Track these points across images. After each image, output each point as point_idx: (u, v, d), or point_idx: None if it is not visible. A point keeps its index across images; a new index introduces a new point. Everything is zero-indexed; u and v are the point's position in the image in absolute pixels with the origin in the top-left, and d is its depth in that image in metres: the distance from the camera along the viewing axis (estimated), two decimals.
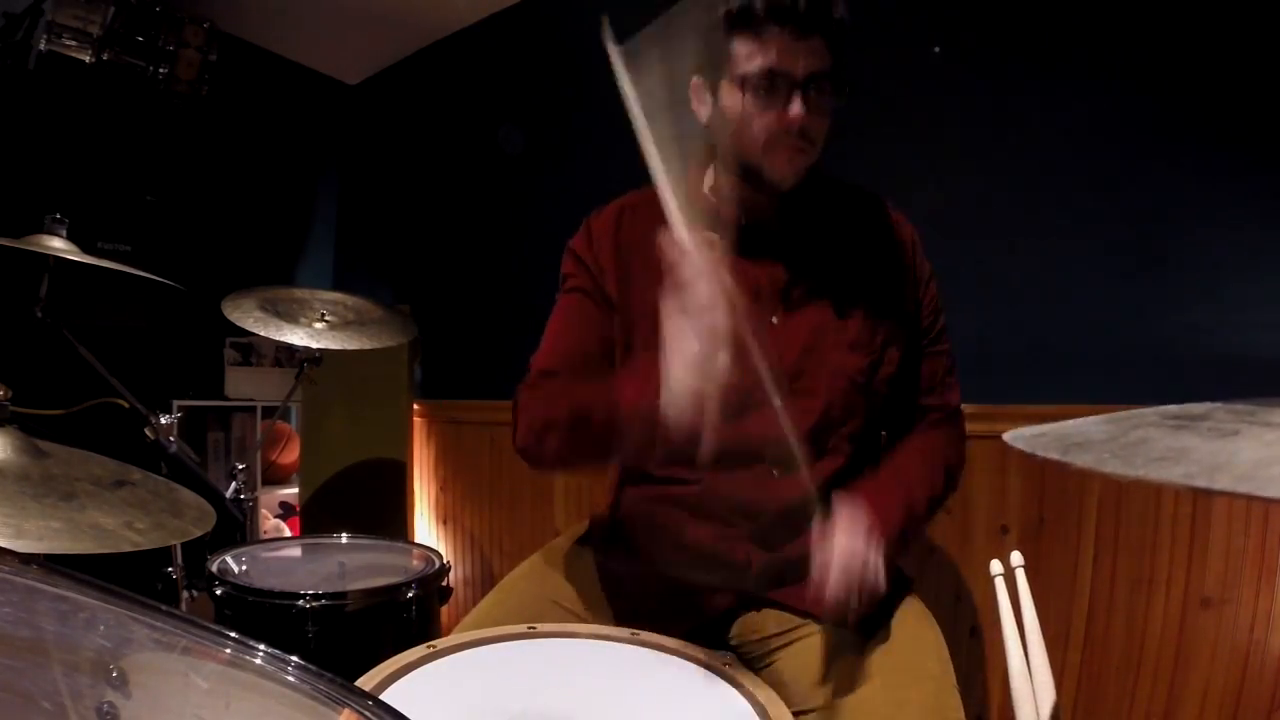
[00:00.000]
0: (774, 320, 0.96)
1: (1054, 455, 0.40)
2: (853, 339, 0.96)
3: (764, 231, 0.97)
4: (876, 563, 0.84)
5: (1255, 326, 1.24)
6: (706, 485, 0.96)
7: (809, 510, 0.95)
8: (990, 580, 1.05)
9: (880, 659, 0.84)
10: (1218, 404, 0.42)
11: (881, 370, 0.97)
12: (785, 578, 0.95)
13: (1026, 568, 1.04)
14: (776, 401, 0.94)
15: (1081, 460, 0.38)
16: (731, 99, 0.89)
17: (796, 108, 0.86)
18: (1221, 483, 0.32)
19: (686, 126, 0.76)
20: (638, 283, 0.98)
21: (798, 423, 0.93)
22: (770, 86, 0.86)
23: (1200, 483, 0.32)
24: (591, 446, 0.89)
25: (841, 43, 0.88)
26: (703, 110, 0.96)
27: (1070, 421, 0.46)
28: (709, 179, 1.02)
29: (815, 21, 0.84)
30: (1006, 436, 0.45)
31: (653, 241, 0.99)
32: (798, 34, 0.84)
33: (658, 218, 1.01)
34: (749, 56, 0.86)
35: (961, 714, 0.81)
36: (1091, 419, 0.45)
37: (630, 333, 0.99)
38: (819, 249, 0.99)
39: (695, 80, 0.96)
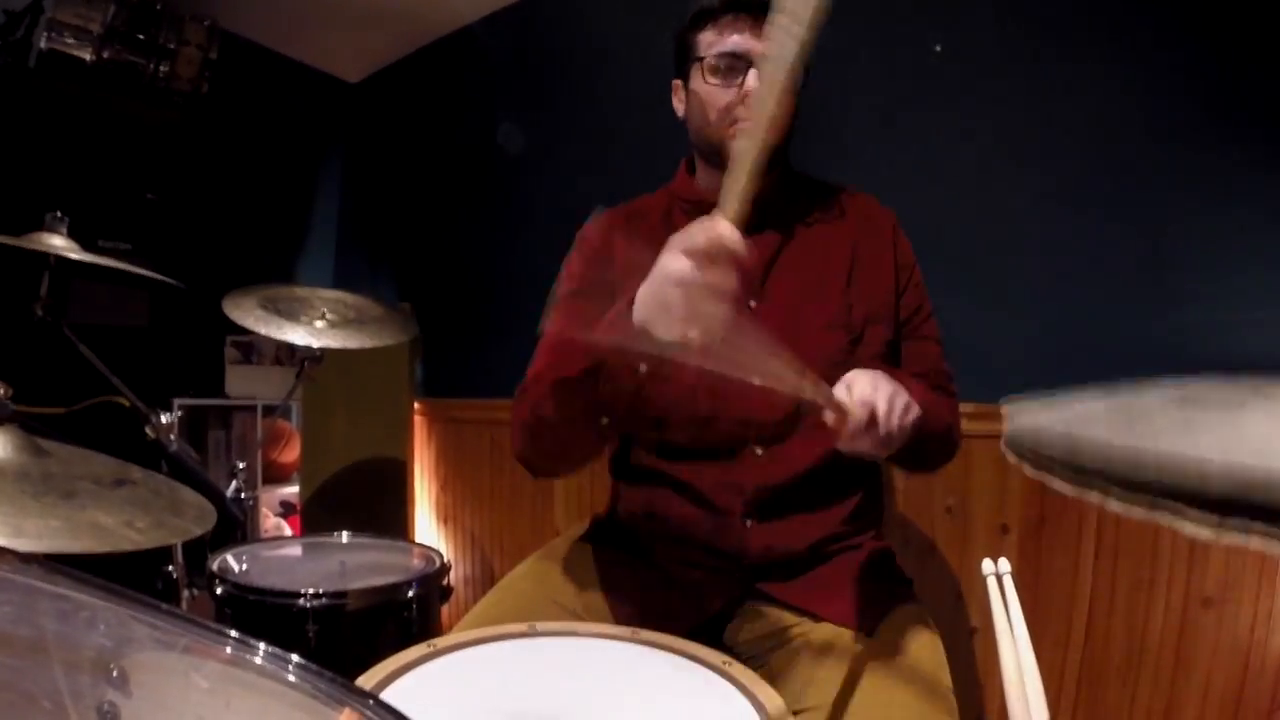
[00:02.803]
0: (751, 304, 0.98)
1: (1059, 430, 0.39)
2: (830, 319, 0.98)
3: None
4: (900, 402, 0.77)
5: (1255, 326, 1.24)
6: (694, 466, 0.98)
7: (802, 496, 0.96)
8: (984, 581, 1.05)
9: (877, 659, 0.85)
10: (1219, 380, 0.42)
11: (863, 349, 0.98)
12: (782, 572, 0.95)
13: (1026, 567, 1.04)
14: (756, 380, 0.95)
15: (1090, 433, 0.37)
16: (698, 85, 0.99)
17: (752, 81, 0.93)
18: (1236, 457, 0.31)
19: None
20: (627, 275, 1.00)
21: (777, 403, 0.95)
22: (729, 67, 0.95)
23: (1215, 458, 0.31)
24: (581, 413, 0.84)
25: None
26: (680, 107, 1.05)
27: (1074, 401, 0.45)
28: (697, 172, 1.08)
29: (766, 6, 0.88)
30: (1008, 417, 0.44)
31: (641, 234, 1.04)
32: (751, 20, 0.93)
33: (644, 224, 1.06)
34: (710, 44, 0.97)
35: (956, 714, 0.81)
36: (1093, 396, 0.44)
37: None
38: (796, 236, 1.02)
39: (675, 81, 1.04)
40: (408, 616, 1.30)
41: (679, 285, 0.62)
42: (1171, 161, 1.34)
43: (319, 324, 1.80)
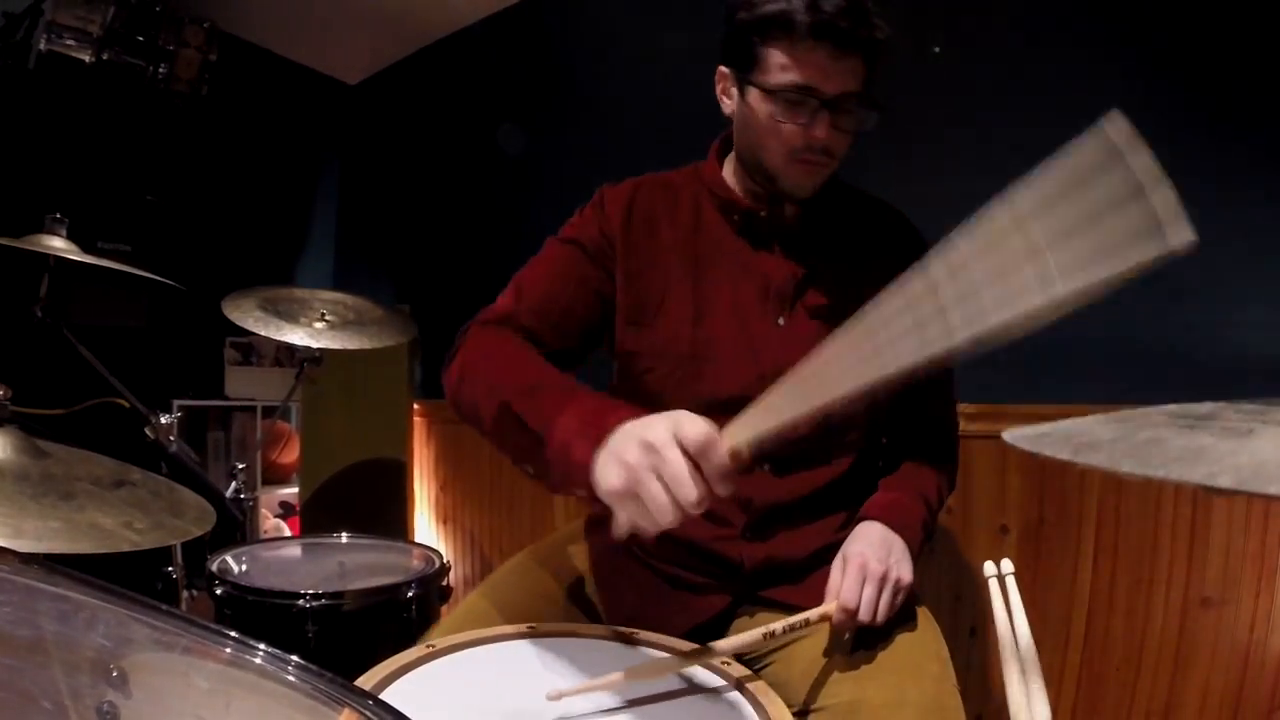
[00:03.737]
0: (780, 321, 0.95)
1: (1064, 456, 0.39)
2: None
3: (779, 228, 0.98)
4: (899, 560, 0.85)
5: (1255, 326, 1.24)
6: None
7: (807, 512, 0.96)
8: (987, 582, 1.05)
9: (880, 659, 0.84)
10: (1222, 404, 0.42)
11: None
12: (781, 577, 0.95)
13: (1025, 567, 1.04)
14: None
15: (1095, 460, 0.37)
16: (759, 105, 0.88)
17: (821, 129, 0.86)
18: (1249, 483, 0.31)
19: None
20: (647, 255, 0.98)
21: (795, 426, 0.93)
22: (799, 102, 0.85)
23: (1224, 483, 0.31)
24: (509, 443, 0.83)
25: (877, 62, 0.87)
26: (727, 102, 0.96)
27: (1072, 421, 0.45)
28: (729, 166, 1.01)
29: (855, 41, 0.83)
30: (1006, 436, 0.44)
31: (664, 219, 1.00)
32: (835, 52, 0.83)
33: (670, 200, 1.01)
34: (782, 69, 0.85)
35: (962, 714, 0.81)
36: (1094, 418, 0.44)
37: (639, 302, 0.98)
38: (833, 254, 0.98)
39: (723, 69, 0.94)
40: (407, 617, 1.30)
41: (649, 457, 0.61)
42: (1171, 161, 1.34)
43: (318, 325, 1.80)
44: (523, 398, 0.78)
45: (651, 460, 0.61)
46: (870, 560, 0.84)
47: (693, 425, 0.62)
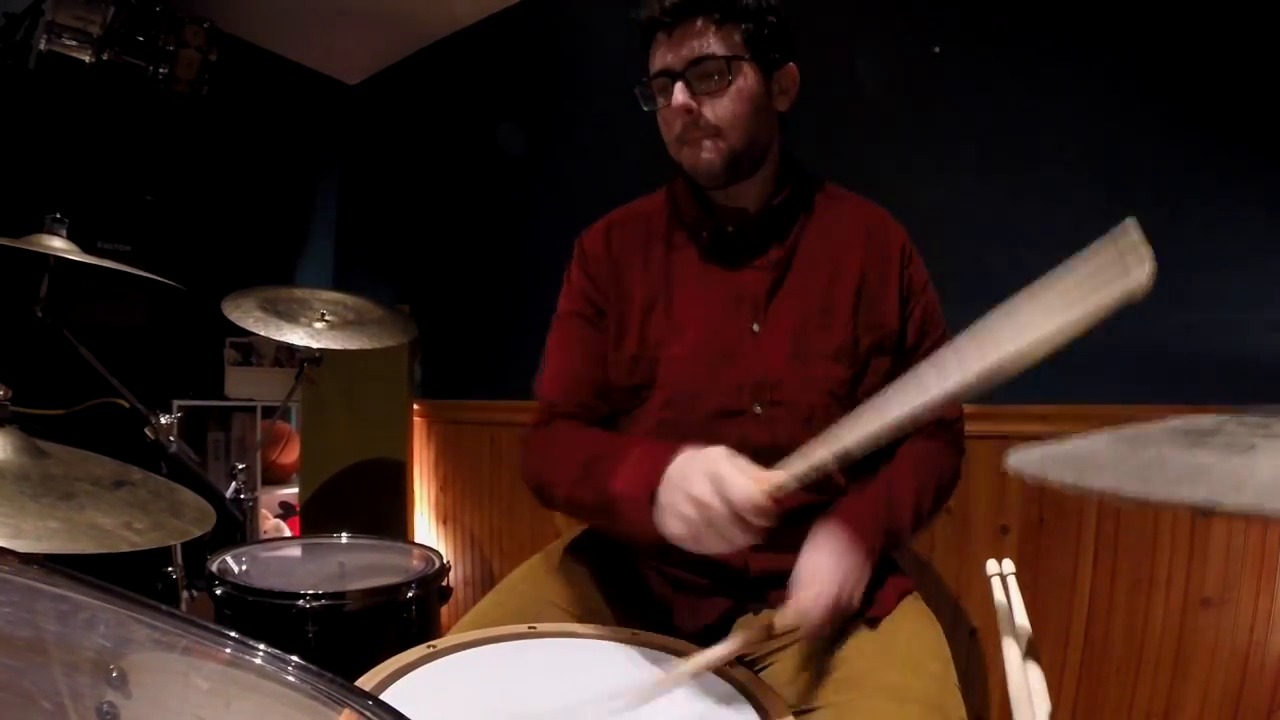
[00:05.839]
0: (755, 329, 0.96)
1: (1067, 480, 0.39)
2: (836, 349, 0.95)
3: (747, 238, 0.99)
4: (852, 580, 0.84)
5: (1255, 326, 1.24)
6: None
7: (809, 519, 0.95)
8: (988, 580, 1.05)
9: (881, 659, 0.84)
10: (1225, 417, 0.41)
11: (866, 381, 0.96)
12: (784, 580, 0.95)
13: (1025, 567, 1.04)
14: (757, 410, 0.94)
15: (1098, 484, 0.37)
16: (652, 106, 0.96)
17: (677, 96, 0.91)
18: (1246, 500, 0.31)
19: None
20: (628, 292, 1.01)
21: (778, 432, 0.93)
22: (662, 87, 0.93)
23: (1226, 502, 0.31)
24: (589, 519, 0.96)
25: (739, 15, 0.90)
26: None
27: (1076, 441, 0.44)
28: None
29: (682, 10, 0.90)
30: (1010, 461, 0.45)
31: (641, 253, 1.02)
32: (669, 29, 0.91)
33: (643, 231, 1.04)
34: (651, 66, 0.94)
35: (963, 713, 0.81)
36: (1097, 437, 0.44)
37: (621, 337, 1.01)
38: (803, 256, 0.99)
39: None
40: (407, 617, 1.30)
41: (698, 509, 0.71)
42: (1172, 161, 1.34)
43: (318, 325, 1.80)
44: (580, 485, 0.88)
45: (702, 514, 0.71)
46: (826, 585, 0.82)
47: (736, 487, 0.69)
